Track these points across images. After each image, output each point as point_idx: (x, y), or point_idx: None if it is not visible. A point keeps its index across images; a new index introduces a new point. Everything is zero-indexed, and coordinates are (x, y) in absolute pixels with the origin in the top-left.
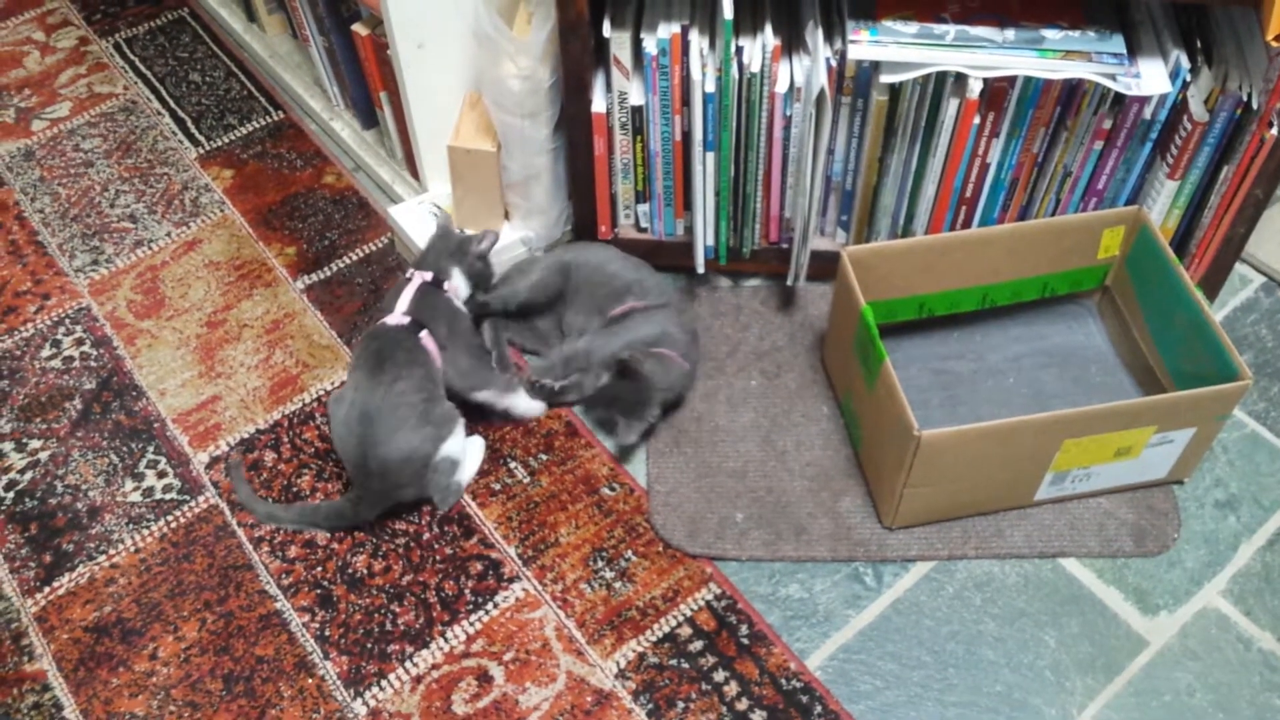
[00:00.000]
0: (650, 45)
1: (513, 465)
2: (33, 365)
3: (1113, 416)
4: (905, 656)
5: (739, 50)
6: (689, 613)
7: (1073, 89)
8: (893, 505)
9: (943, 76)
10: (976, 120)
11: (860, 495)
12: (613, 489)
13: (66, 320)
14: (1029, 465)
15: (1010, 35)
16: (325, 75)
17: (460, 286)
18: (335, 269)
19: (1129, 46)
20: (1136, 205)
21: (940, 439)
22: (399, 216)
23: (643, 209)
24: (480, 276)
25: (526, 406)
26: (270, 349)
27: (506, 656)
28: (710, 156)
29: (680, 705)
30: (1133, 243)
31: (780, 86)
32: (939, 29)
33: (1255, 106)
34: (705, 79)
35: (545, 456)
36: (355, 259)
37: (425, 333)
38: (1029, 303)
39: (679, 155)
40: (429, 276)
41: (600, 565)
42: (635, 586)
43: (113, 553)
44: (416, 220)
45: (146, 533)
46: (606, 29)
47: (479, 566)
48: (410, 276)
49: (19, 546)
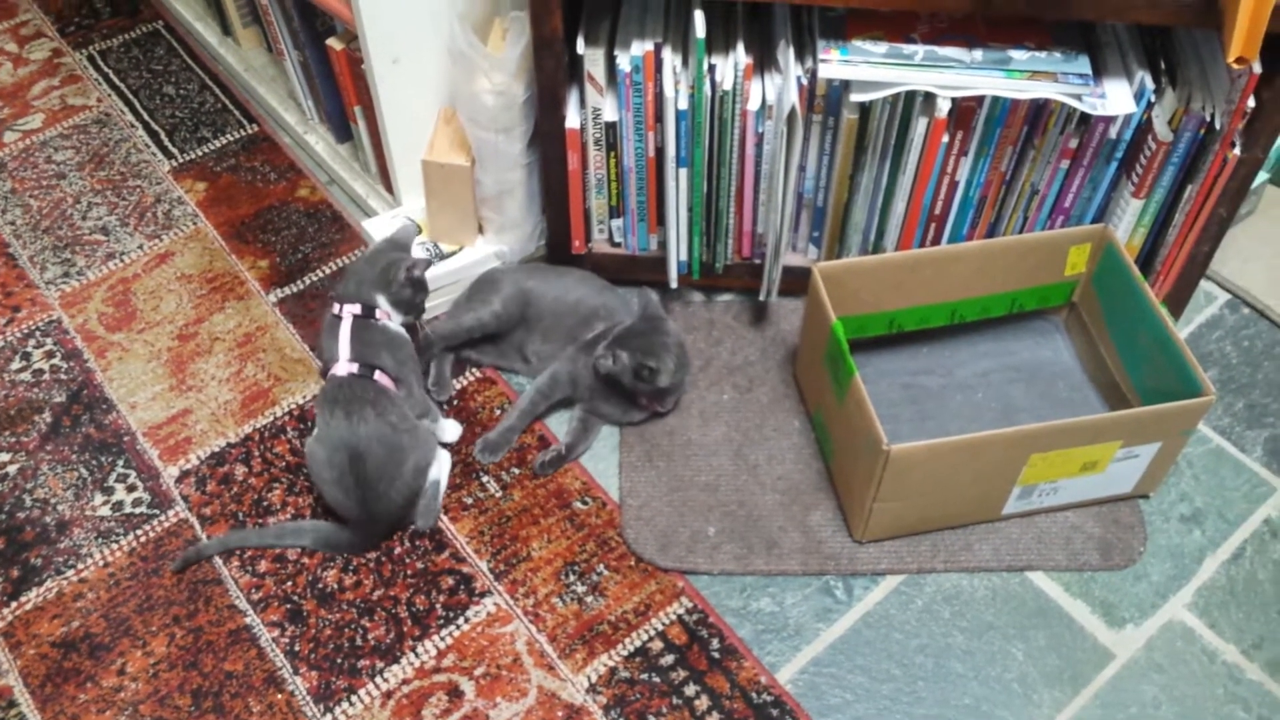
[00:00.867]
0: (624, 62)
1: (485, 479)
2: (2, 378)
3: (1079, 431)
4: (875, 669)
5: (711, 68)
6: (660, 627)
7: (1040, 109)
8: (863, 519)
9: (912, 96)
10: (945, 139)
11: (831, 509)
12: (585, 503)
13: (37, 333)
14: (997, 479)
15: (978, 56)
16: (300, 89)
17: (390, 313)
18: (308, 282)
19: (1095, 67)
20: (1102, 223)
21: (909, 453)
22: (373, 230)
23: (616, 224)
24: (409, 304)
25: (452, 433)
26: (242, 362)
27: (477, 671)
28: (683, 172)
29: (651, 719)
30: (1099, 260)
31: (752, 104)
32: (908, 49)
33: (1218, 127)
34: (678, 96)
35: (517, 470)
36: (328, 272)
37: (378, 373)
38: (997, 319)
39: (652, 171)
40: (358, 310)
41: (572, 579)
42: (607, 600)
43: (81, 567)
44: (390, 234)
45: (115, 547)
46: (580, 46)
47: (450, 581)
48: (340, 314)
49: None
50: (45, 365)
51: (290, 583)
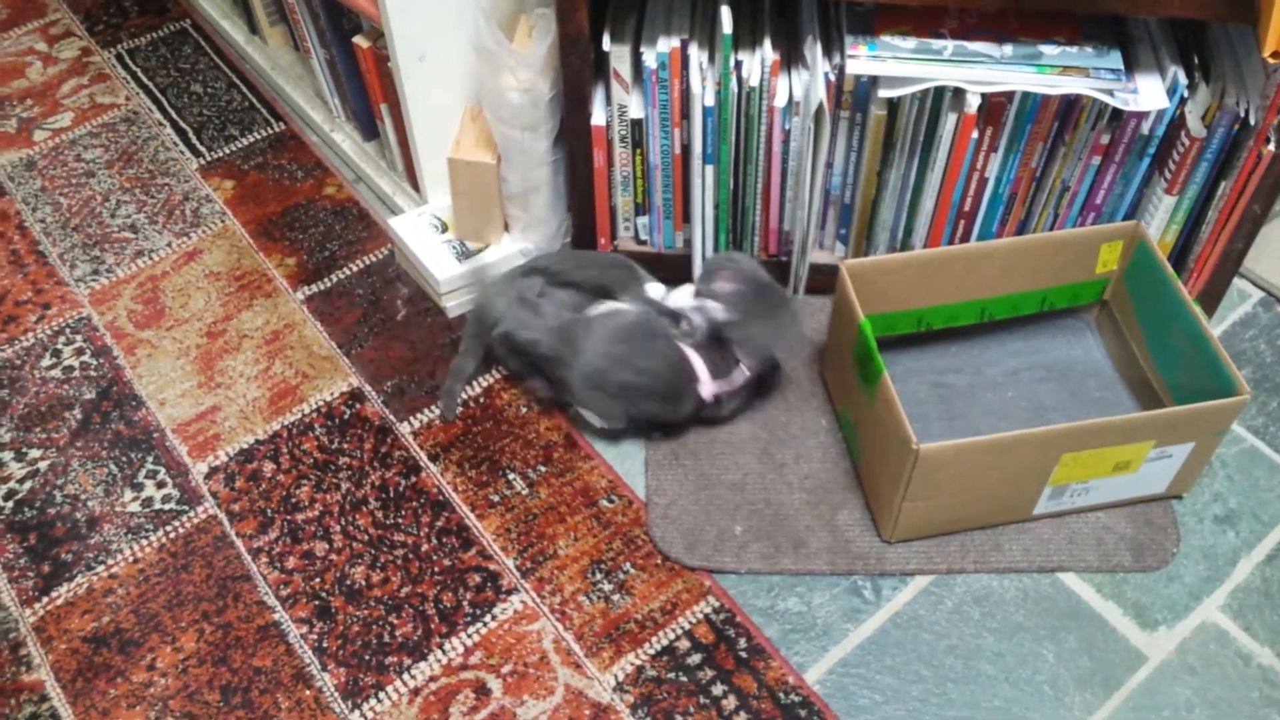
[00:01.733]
0: (650, 59)
1: (511, 477)
2: (33, 375)
3: (1111, 431)
4: (904, 670)
5: (738, 64)
6: (687, 625)
7: (1070, 104)
8: (891, 519)
9: (941, 91)
10: (975, 135)
11: (859, 508)
12: (611, 501)
13: (67, 330)
14: (1027, 479)
15: (1008, 51)
16: (326, 87)
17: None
18: (335, 280)
19: (1127, 62)
20: (1134, 220)
21: (939, 452)
22: (399, 228)
23: (642, 221)
24: None
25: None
26: (270, 359)
27: (504, 669)
28: (709, 169)
29: (678, 719)
30: (1131, 258)
31: (779, 100)
32: (937, 44)
33: (1252, 122)
34: (705, 92)
35: (544, 468)
36: (355, 270)
37: None
38: (1027, 317)
39: (678, 168)
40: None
41: (599, 577)
42: (633, 599)
43: (111, 563)
44: (417, 231)
45: (145, 543)
46: (606, 43)
47: (477, 578)
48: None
49: (17, 556)
50: (75, 362)
51: (318, 579)
